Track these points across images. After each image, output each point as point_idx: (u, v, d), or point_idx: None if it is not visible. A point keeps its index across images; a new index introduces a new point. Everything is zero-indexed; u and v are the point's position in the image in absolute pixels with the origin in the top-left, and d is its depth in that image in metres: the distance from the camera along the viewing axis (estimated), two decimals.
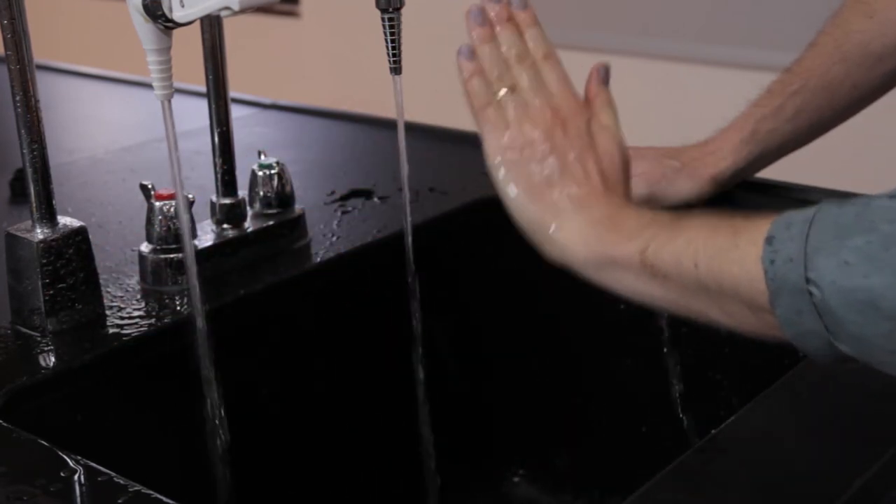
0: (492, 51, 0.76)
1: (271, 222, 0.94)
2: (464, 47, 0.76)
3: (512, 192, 0.72)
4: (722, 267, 0.61)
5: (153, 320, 0.83)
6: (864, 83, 0.96)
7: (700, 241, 0.63)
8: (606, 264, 0.68)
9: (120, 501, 0.61)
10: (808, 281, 0.56)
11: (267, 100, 1.42)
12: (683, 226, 0.66)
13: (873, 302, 0.54)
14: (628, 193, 0.74)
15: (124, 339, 0.80)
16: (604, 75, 0.78)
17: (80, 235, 0.82)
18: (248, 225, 0.93)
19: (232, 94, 0.93)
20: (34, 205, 0.80)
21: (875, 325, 0.54)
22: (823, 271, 0.55)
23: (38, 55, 0.80)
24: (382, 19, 0.78)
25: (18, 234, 0.80)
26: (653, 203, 0.99)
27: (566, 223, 0.71)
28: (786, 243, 0.58)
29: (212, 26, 0.89)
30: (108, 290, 0.87)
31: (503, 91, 0.74)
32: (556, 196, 0.71)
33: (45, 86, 0.82)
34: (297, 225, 0.96)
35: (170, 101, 0.75)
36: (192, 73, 0.99)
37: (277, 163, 0.95)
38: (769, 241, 0.59)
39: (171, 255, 0.87)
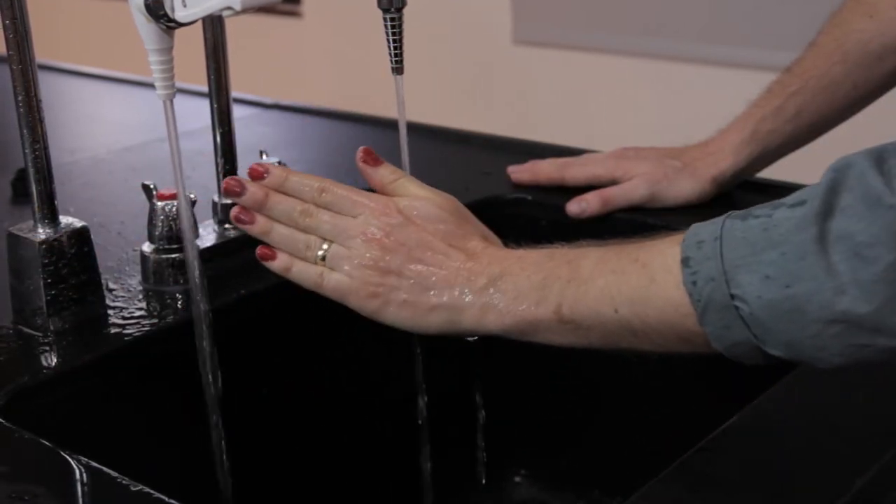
0: (281, 232, 0.75)
1: None
2: (260, 251, 0.76)
3: (405, 321, 0.72)
4: (645, 305, 0.64)
5: (155, 320, 0.83)
6: (865, 83, 0.96)
7: (612, 288, 0.65)
8: (527, 330, 0.70)
9: (120, 501, 0.61)
10: (732, 297, 0.59)
11: (269, 100, 1.42)
12: (585, 275, 0.67)
13: (799, 308, 0.57)
14: (482, 232, 0.75)
15: (126, 339, 0.80)
16: (371, 159, 0.77)
17: (81, 235, 0.82)
18: None
19: (234, 93, 0.93)
20: (36, 204, 0.80)
21: (803, 329, 0.58)
22: (747, 287, 0.58)
23: (40, 55, 0.80)
24: (384, 19, 0.78)
25: (20, 233, 0.81)
26: (655, 203, 1.00)
27: (467, 313, 0.71)
28: (702, 263, 0.61)
29: (214, 26, 0.89)
30: (110, 289, 0.87)
31: (320, 253, 0.74)
32: (437, 299, 0.71)
33: (47, 86, 0.83)
34: None
35: (172, 101, 0.75)
36: (194, 72, 0.99)
37: (279, 162, 0.95)
38: (685, 262, 0.61)
39: (173, 255, 0.87)
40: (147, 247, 0.88)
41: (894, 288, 0.55)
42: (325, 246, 0.74)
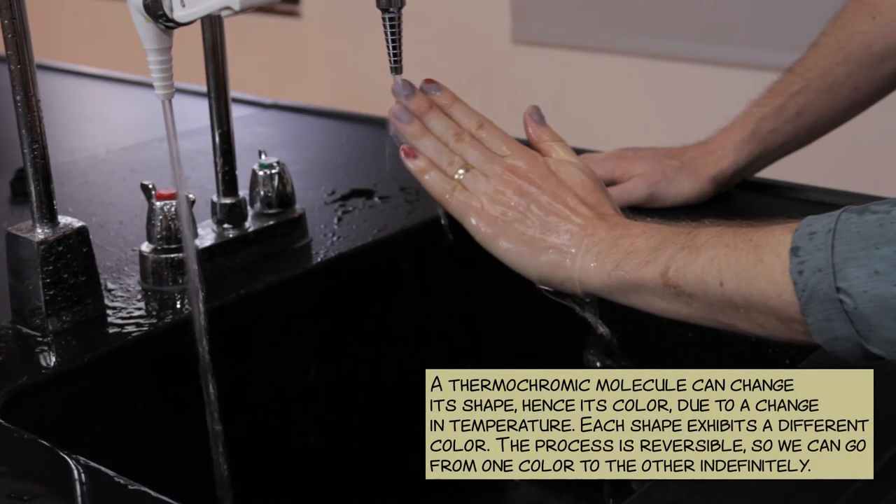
0: (431, 142, 0.79)
1: (272, 222, 0.94)
2: (405, 148, 0.79)
3: (515, 254, 0.74)
4: (749, 283, 0.63)
5: (154, 320, 0.83)
6: (867, 84, 0.96)
7: (722, 260, 0.65)
8: (630, 289, 0.70)
9: (119, 501, 0.61)
10: (838, 290, 0.58)
11: (268, 99, 1.42)
12: (699, 244, 0.67)
13: None
14: (615, 207, 0.77)
15: (125, 339, 0.80)
16: (537, 117, 0.80)
17: (80, 235, 0.82)
18: (249, 225, 0.93)
19: (233, 93, 0.93)
20: (35, 204, 0.80)
21: None
22: (854, 281, 0.58)
23: (39, 55, 0.80)
24: (383, 19, 0.78)
25: (19, 233, 0.80)
26: (654, 202, 0.99)
27: (577, 260, 0.72)
28: (812, 254, 0.60)
29: (212, 26, 0.89)
30: (109, 289, 0.87)
31: (460, 173, 0.77)
32: (555, 239, 0.73)
33: (46, 85, 0.82)
34: (297, 225, 0.96)
35: (170, 101, 0.75)
36: (193, 72, 0.99)
37: (278, 162, 0.95)
38: (794, 251, 0.61)
39: (172, 255, 0.87)
40: (146, 247, 0.88)
41: None
42: (463, 170, 0.77)
